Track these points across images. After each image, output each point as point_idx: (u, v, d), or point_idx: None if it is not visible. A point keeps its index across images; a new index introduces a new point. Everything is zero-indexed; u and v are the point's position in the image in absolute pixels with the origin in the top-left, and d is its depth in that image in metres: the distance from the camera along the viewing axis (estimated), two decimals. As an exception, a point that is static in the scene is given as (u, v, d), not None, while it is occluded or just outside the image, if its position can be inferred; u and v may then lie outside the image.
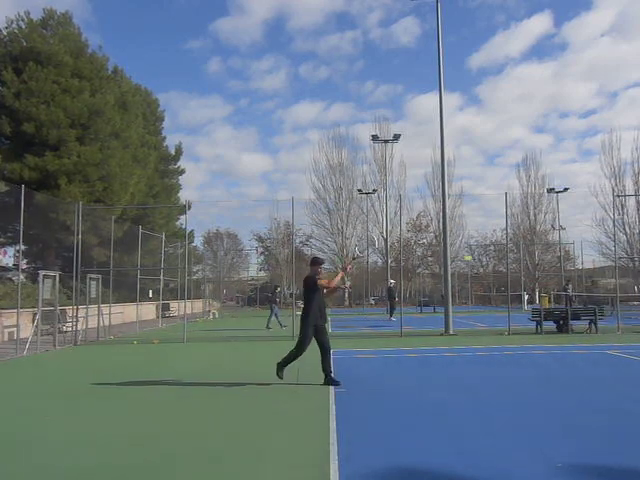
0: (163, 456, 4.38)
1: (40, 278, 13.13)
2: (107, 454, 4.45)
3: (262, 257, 51.99)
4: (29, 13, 23.78)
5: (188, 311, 17.43)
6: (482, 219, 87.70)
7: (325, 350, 7.31)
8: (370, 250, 43.63)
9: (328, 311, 7.99)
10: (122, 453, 4.48)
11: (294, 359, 7.35)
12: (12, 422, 5.72)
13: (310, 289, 7.38)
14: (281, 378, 7.30)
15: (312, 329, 7.24)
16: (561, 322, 15.88)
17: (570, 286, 27.88)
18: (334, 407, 5.96)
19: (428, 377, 8.28)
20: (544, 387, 7.15)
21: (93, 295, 16.15)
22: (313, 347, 7.20)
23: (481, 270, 48.20)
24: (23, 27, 23.47)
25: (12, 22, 23.46)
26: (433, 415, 5.60)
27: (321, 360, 7.35)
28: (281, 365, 7.38)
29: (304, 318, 7.34)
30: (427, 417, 5.53)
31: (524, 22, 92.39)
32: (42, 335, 13.45)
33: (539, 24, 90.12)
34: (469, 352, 11.39)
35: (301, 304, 7.81)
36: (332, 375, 7.35)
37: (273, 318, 18.75)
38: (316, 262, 7.85)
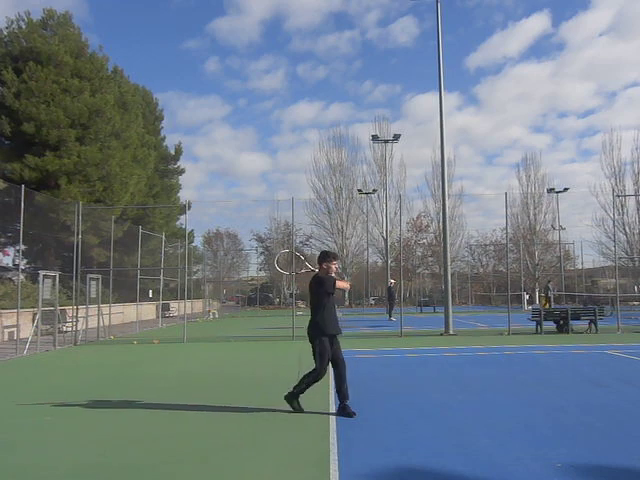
0: (163, 457, 4.38)
1: (40, 278, 13.13)
2: (107, 454, 4.45)
3: (262, 257, 52.03)
4: (29, 13, 23.84)
5: (188, 311, 17.43)
6: (482, 219, 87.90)
7: (341, 367, 5.79)
8: (370, 250, 43.70)
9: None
10: (122, 453, 4.48)
11: (315, 381, 5.78)
12: (12, 422, 5.72)
13: (322, 292, 5.76)
14: (301, 410, 5.79)
15: (328, 340, 5.71)
16: (561, 322, 15.89)
17: (551, 286, 27.95)
18: (334, 408, 5.95)
19: (428, 377, 8.28)
20: (544, 387, 7.15)
21: (93, 295, 16.14)
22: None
23: (481, 270, 48.19)
24: (23, 27, 23.48)
25: (12, 22, 23.51)
26: (433, 415, 5.60)
27: (335, 381, 5.82)
28: (295, 394, 5.84)
29: (316, 328, 5.74)
30: (427, 417, 5.53)
31: (522, 22, 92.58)
32: (42, 335, 13.46)
33: (537, 24, 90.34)
34: (469, 352, 11.39)
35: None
36: (348, 403, 5.67)
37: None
38: (326, 257, 5.95)
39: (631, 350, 11.04)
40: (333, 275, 5.93)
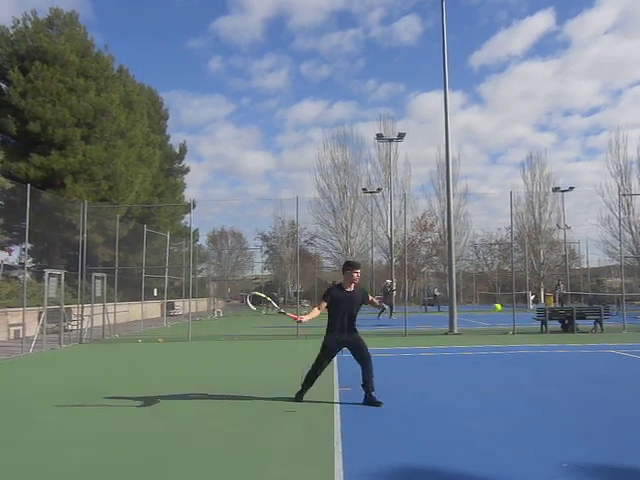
0: (164, 456, 4.39)
1: (46, 277, 13.20)
2: (111, 452, 4.47)
3: (266, 256, 52.08)
4: (36, 12, 23.93)
5: (193, 310, 17.47)
6: (486, 218, 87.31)
7: (363, 364, 6.50)
8: (375, 250, 43.67)
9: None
10: (124, 452, 4.50)
11: (313, 378, 6.51)
12: (17, 420, 5.75)
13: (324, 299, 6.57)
14: (300, 401, 6.39)
15: (334, 344, 6.45)
16: (566, 321, 15.82)
17: (562, 285, 27.81)
18: (338, 407, 5.96)
19: (432, 376, 8.27)
20: (549, 387, 7.12)
21: (98, 294, 16.21)
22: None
23: (486, 269, 48.01)
24: (30, 26, 23.58)
25: (19, 22, 23.60)
26: (437, 415, 5.59)
27: (361, 373, 6.46)
28: (300, 393, 6.47)
29: (326, 331, 6.57)
30: (431, 417, 5.52)
31: (526, 20, 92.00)
32: (48, 333, 13.52)
33: (542, 22, 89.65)
34: (473, 351, 11.36)
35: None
36: (373, 394, 6.30)
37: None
38: (347, 267, 6.77)
39: (637, 350, 10.98)
40: (354, 282, 6.73)
